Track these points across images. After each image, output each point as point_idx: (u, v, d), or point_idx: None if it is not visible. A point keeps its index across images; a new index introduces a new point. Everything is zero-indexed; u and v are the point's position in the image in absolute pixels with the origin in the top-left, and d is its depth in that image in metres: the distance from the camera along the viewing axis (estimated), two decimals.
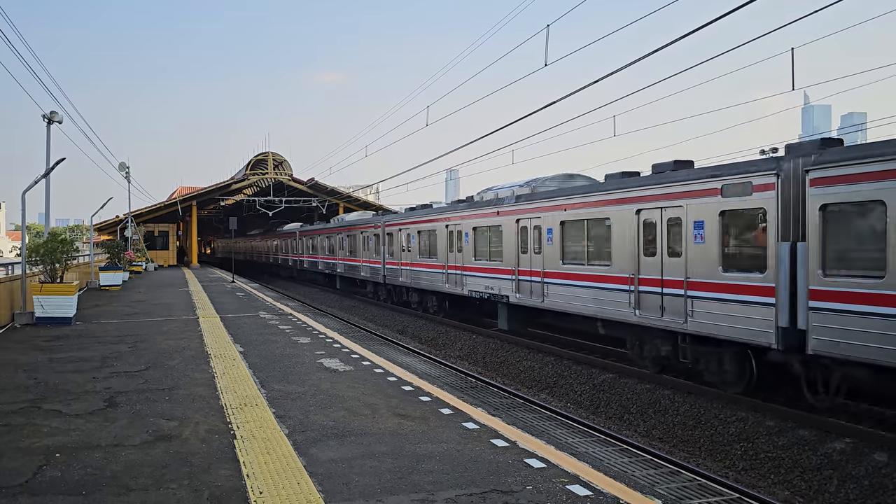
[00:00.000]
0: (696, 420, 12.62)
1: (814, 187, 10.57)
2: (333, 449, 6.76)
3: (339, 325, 20.06)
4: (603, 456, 8.85)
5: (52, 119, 19.54)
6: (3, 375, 10.50)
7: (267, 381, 10.05)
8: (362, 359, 12.18)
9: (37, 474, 6.01)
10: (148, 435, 7.23)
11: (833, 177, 10.31)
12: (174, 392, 9.28)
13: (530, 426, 8.72)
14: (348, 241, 35.25)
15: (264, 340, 14.26)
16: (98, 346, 13.38)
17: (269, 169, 53.69)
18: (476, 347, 20.76)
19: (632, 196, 14.63)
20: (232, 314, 19.45)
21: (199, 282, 34.81)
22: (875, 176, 9.70)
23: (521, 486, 5.76)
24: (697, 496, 7.72)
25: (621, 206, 14.90)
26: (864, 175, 9.87)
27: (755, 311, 11.58)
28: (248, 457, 6.48)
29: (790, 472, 10.37)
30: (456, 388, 10.90)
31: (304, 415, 8.09)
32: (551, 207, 17.60)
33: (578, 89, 15.00)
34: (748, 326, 11.77)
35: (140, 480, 5.85)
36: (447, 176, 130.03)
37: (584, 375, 16.05)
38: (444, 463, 6.34)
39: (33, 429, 7.47)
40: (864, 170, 9.85)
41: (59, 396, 9.04)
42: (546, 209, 17.82)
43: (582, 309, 16.48)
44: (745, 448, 11.33)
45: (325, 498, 5.45)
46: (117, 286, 29.93)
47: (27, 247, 17.52)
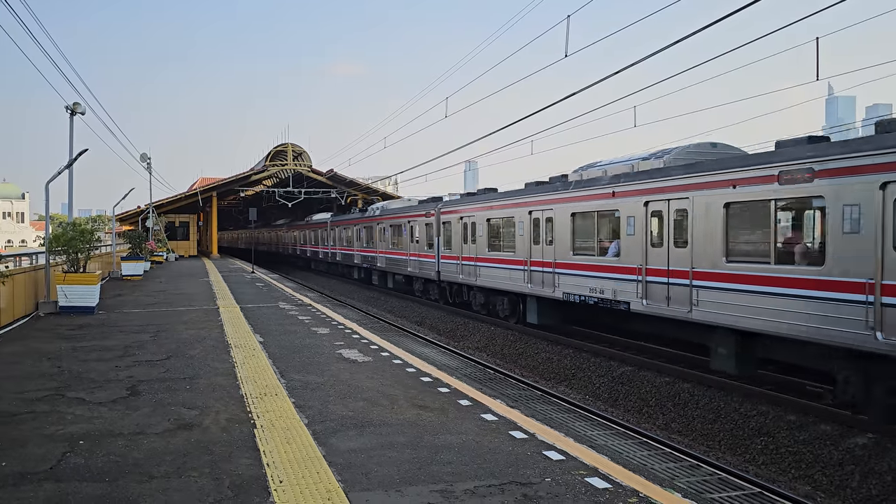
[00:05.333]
0: (715, 414, 12.54)
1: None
2: (353, 439, 6.79)
3: (358, 316, 20.13)
4: (622, 449, 8.82)
5: (74, 110, 19.71)
6: (28, 363, 10.65)
7: (286, 371, 10.11)
8: (381, 349, 12.21)
9: (61, 461, 6.10)
10: (169, 423, 7.30)
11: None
12: (195, 381, 9.37)
13: (549, 418, 8.70)
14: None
15: (284, 331, 14.34)
16: (120, 336, 13.53)
17: (288, 160, 53.88)
18: (494, 339, 20.76)
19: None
20: (252, 304, 19.58)
21: (219, 272, 35.07)
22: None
23: (540, 478, 5.75)
24: (718, 490, 7.68)
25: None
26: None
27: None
28: (268, 446, 6.52)
29: (811, 467, 10.28)
30: (474, 380, 10.91)
31: (323, 405, 8.13)
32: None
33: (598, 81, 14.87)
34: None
35: (162, 468, 5.92)
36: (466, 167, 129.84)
37: (602, 368, 15.99)
38: (463, 454, 6.34)
39: (57, 416, 7.57)
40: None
41: (83, 385, 9.16)
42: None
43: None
44: (766, 442, 11.24)
45: (344, 488, 5.48)
46: (139, 276, 30.24)
47: (50, 236, 17.74)
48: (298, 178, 55.40)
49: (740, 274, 12.30)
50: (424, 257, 27.71)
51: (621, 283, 15.47)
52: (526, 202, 19.97)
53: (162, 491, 5.41)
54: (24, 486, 5.50)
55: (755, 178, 12.02)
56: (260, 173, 56.30)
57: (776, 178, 11.56)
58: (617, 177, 16.04)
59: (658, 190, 14.34)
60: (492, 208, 22.18)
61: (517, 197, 20.80)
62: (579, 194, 17.33)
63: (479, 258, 22.74)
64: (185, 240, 58.94)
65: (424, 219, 27.79)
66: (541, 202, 19.14)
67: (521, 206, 20.20)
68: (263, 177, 58.86)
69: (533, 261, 19.41)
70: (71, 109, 19.62)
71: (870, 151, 10.07)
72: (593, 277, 16.60)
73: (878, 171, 9.90)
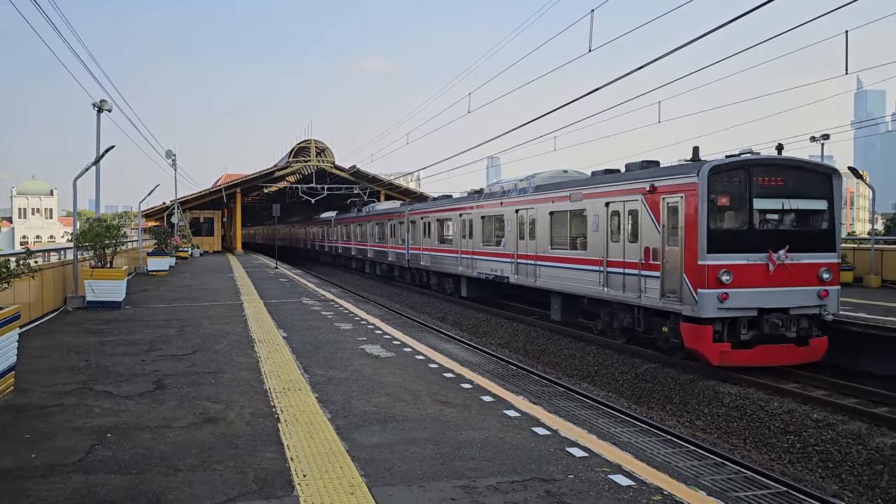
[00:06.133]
0: (740, 412, 12.42)
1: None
2: (375, 434, 6.81)
3: (381, 312, 20.18)
4: (646, 446, 8.75)
5: (101, 108, 19.97)
6: (57, 357, 10.82)
7: (310, 366, 10.17)
8: (404, 345, 12.23)
9: (89, 453, 6.18)
10: (195, 417, 7.38)
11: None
12: (220, 376, 9.45)
13: (572, 415, 8.66)
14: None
15: (307, 326, 14.42)
16: (146, 330, 13.69)
17: (311, 156, 54.17)
18: (517, 335, 20.72)
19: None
20: (275, 300, 19.72)
21: (243, 268, 35.35)
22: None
23: (563, 475, 5.73)
24: (743, 489, 7.60)
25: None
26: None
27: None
28: (291, 440, 6.56)
29: (839, 466, 10.14)
30: (497, 376, 10.89)
31: (346, 400, 8.16)
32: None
33: (622, 76, 14.80)
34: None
35: (188, 461, 5.98)
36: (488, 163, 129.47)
37: (626, 364, 15.89)
38: (486, 450, 6.34)
39: (85, 409, 7.68)
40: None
41: (110, 378, 9.28)
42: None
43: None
44: (792, 441, 11.12)
45: (367, 482, 5.50)
46: (164, 271, 30.56)
47: (78, 232, 17.99)
48: (321, 174, 55.67)
49: (557, 256, 19.00)
50: (399, 249, 33.76)
51: (505, 265, 22.22)
52: (457, 208, 26.66)
53: (187, 484, 5.47)
54: (54, 477, 5.59)
55: (561, 197, 18.86)
56: (283, 169, 56.67)
57: (568, 198, 18.31)
58: (504, 192, 22.83)
59: (522, 202, 21.03)
60: (438, 211, 28.71)
61: (453, 204, 27.55)
62: (485, 203, 24.05)
63: (432, 249, 29.22)
64: (209, 236, 59.44)
65: (398, 218, 33.95)
66: (465, 208, 25.76)
67: (454, 210, 26.90)
68: (287, 173, 59.27)
69: (463, 251, 25.84)
70: (98, 107, 19.87)
71: (600, 184, 16.99)
72: (493, 262, 23.24)
73: (604, 196, 16.67)
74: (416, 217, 31.37)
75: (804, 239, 14.00)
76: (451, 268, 27.07)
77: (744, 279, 13.42)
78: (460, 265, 26.00)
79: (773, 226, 14.22)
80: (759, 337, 13.62)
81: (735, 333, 13.55)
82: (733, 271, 13.34)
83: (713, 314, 13.32)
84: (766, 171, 13.92)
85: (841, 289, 14.55)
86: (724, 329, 13.53)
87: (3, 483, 5.45)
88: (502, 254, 22.26)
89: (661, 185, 14.62)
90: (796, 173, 14.21)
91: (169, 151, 43.91)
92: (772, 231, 14.04)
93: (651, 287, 14.80)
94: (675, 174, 14.47)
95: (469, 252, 25.17)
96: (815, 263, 13.87)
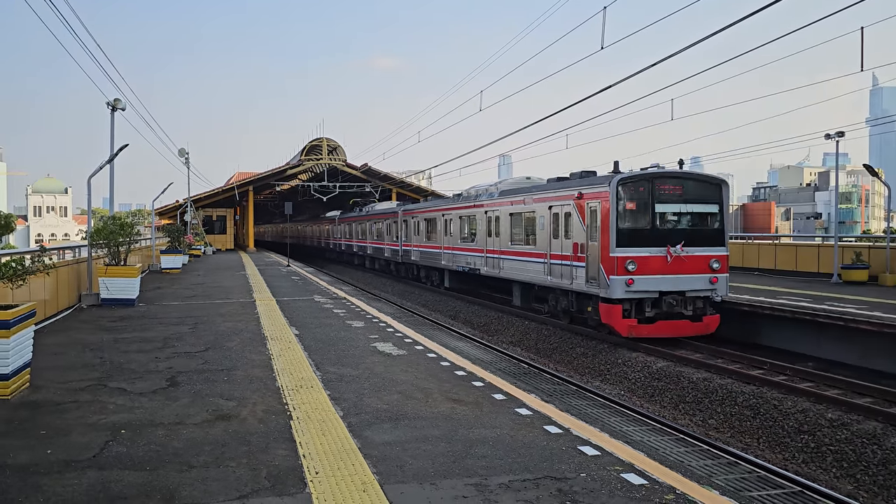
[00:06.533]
0: (753, 411, 12.35)
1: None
2: (387, 432, 6.82)
3: (393, 310, 20.20)
4: (658, 445, 8.72)
5: (115, 106, 20.04)
6: (72, 354, 10.91)
7: (322, 363, 10.19)
8: (415, 343, 12.24)
9: (104, 449, 6.23)
10: (208, 414, 7.41)
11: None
12: (233, 373, 9.49)
13: (584, 413, 8.64)
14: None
15: (319, 324, 14.46)
16: (160, 327, 13.78)
17: (323, 154, 54.27)
18: (528, 333, 20.69)
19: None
20: (287, 297, 19.79)
21: (256, 265, 35.48)
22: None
23: (576, 474, 5.72)
24: (757, 488, 7.55)
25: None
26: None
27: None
28: (304, 437, 6.58)
29: (854, 466, 10.07)
30: (509, 374, 10.87)
31: (358, 397, 8.18)
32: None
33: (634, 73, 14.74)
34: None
35: (201, 458, 6.01)
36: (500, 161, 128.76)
37: (638, 363, 15.85)
38: (498, 448, 6.33)
39: (100, 406, 7.74)
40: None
41: (124, 375, 9.34)
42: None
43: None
44: (806, 440, 11.04)
45: (379, 480, 5.51)
46: (177, 269, 30.72)
47: (92, 230, 18.11)
48: (333, 172, 55.77)
49: (515, 251, 22.39)
50: (394, 246, 37.31)
51: (477, 258, 25.79)
52: (441, 208, 30.36)
53: (201, 480, 5.50)
54: (69, 473, 5.64)
55: (518, 201, 22.34)
56: (295, 168, 56.80)
57: (523, 202, 21.82)
58: (477, 195, 26.25)
59: (490, 204, 24.71)
60: (426, 211, 32.43)
61: (438, 205, 31.48)
62: (462, 205, 27.66)
63: (421, 245, 32.81)
64: (222, 234, 59.62)
65: (393, 218, 37.47)
66: (446, 209, 29.36)
67: (438, 210, 30.52)
68: (299, 171, 59.39)
69: (445, 247, 29.34)
70: (112, 105, 19.96)
71: (546, 191, 20.44)
72: (468, 256, 26.75)
73: (548, 200, 20.00)
74: (407, 217, 34.85)
75: (698, 236, 17.16)
76: (436, 262, 30.83)
77: (647, 268, 16.58)
78: (443, 259, 29.70)
79: (672, 225, 17.28)
80: (661, 314, 16.75)
81: (641, 311, 16.75)
82: (638, 262, 16.55)
83: (622, 295, 16.50)
84: (666, 182, 17.20)
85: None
86: (631, 307, 16.71)
87: (20, 478, 5.50)
88: (475, 249, 25.96)
89: (586, 193, 17.88)
90: (692, 183, 17.53)
91: (182, 150, 44.06)
92: (671, 230, 17.12)
93: (579, 275, 18.10)
94: (596, 184, 17.67)
95: (450, 248, 28.82)
96: (706, 255, 17.01)
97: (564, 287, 19.13)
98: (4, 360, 7.93)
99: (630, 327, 16.64)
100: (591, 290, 17.49)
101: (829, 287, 21.20)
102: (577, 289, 18.36)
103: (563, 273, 19.03)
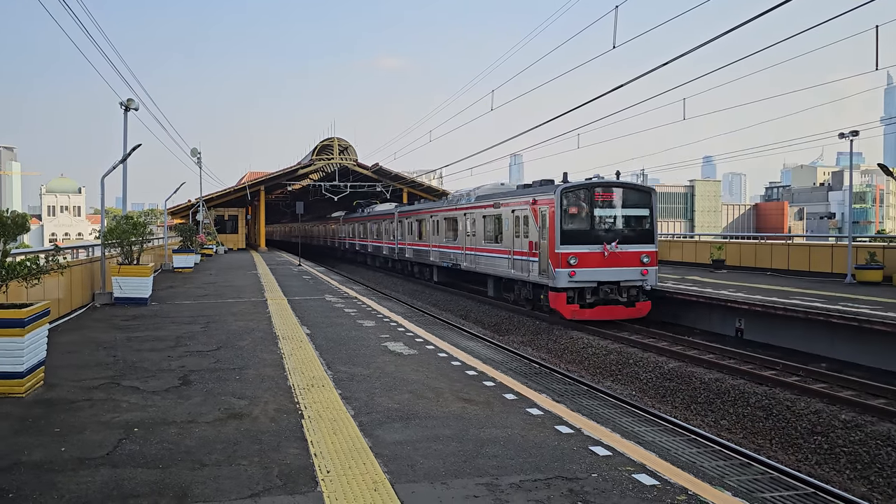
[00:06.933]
0: (766, 412, 12.28)
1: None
2: (398, 431, 6.82)
3: (403, 309, 20.21)
4: (670, 445, 8.69)
5: (128, 106, 20.16)
6: (86, 353, 10.98)
7: (333, 362, 10.22)
8: (426, 343, 12.25)
9: (117, 447, 6.27)
10: (220, 413, 7.45)
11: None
12: (244, 372, 9.53)
13: (595, 413, 8.61)
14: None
15: (330, 323, 14.50)
16: (172, 326, 13.85)
17: (334, 154, 54.36)
18: (539, 333, 20.66)
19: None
20: (298, 297, 19.84)
21: (267, 265, 35.59)
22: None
23: (587, 474, 5.70)
24: (769, 489, 7.51)
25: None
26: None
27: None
28: (315, 436, 6.60)
29: (868, 468, 9.99)
30: (520, 374, 10.86)
31: (369, 397, 8.19)
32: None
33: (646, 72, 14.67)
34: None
35: (213, 456, 6.04)
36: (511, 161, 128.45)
37: (650, 363, 15.80)
38: (509, 448, 6.32)
39: (113, 404, 7.79)
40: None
41: (137, 374, 9.40)
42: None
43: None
44: (819, 441, 10.97)
45: (390, 479, 5.52)
46: (189, 268, 30.87)
47: (105, 230, 18.23)
48: (344, 171, 55.86)
49: (489, 248, 25.53)
50: (391, 244, 40.90)
51: (459, 255, 29.10)
52: (429, 210, 33.85)
53: (213, 478, 5.53)
54: (83, 470, 5.68)
55: (489, 205, 25.48)
56: (306, 167, 56.92)
57: (493, 206, 25.07)
58: (458, 199, 29.93)
59: (468, 208, 27.93)
60: (418, 213, 35.65)
61: (427, 207, 35.04)
62: (447, 207, 31.08)
63: (414, 244, 36.22)
64: (233, 233, 59.81)
65: (390, 219, 41.06)
66: (434, 211, 33.01)
67: (427, 212, 33.93)
68: (310, 171, 59.51)
69: (433, 245, 32.77)
70: (125, 106, 20.07)
71: (511, 196, 23.63)
72: (452, 253, 30.02)
73: (512, 205, 23.11)
74: (402, 218, 38.53)
75: (630, 235, 20.41)
76: (426, 259, 34.28)
77: (586, 262, 19.77)
78: (432, 256, 33.20)
79: (609, 226, 20.41)
80: (599, 300, 19.97)
81: (582, 298, 19.98)
82: (579, 257, 19.76)
83: (566, 285, 19.79)
84: (602, 190, 20.42)
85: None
86: (574, 295, 19.96)
87: (35, 476, 5.55)
88: (457, 247, 29.22)
89: (538, 199, 21.15)
90: (625, 191, 20.69)
91: (194, 149, 44.25)
92: (607, 230, 20.30)
93: (534, 268, 21.40)
94: (545, 192, 20.88)
95: (437, 246, 32.20)
96: (637, 251, 20.11)
97: (524, 279, 22.50)
98: (19, 358, 8.00)
99: (573, 311, 19.84)
100: (543, 281, 20.90)
101: (843, 287, 21.04)
102: (533, 280, 21.76)
103: (523, 267, 22.36)
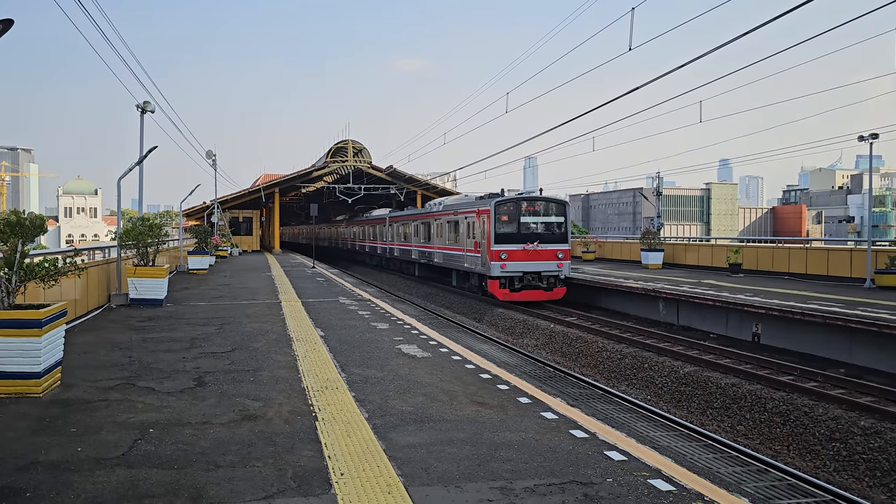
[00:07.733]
0: (783, 417, 12.16)
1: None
2: (412, 434, 6.80)
3: (417, 312, 20.21)
4: (686, 451, 8.61)
5: (145, 109, 20.33)
6: (102, 353, 11.05)
7: (347, 365, 10.22)
8: (440, 346, 12.22)
9: (132, 448, 6.29)
10: (234, 414, 7.46)
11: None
12: (259, 373, 9.55)
13: (610, 418, 8.55)
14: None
15: (344, 325, 14.51)
16: (187, 328, 13.91)
17: (348, 157, 54.51)
18: (554, 337, 20.59)
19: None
20: (313, 299, 19.88)
21: (281, 267, 35.72)
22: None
23: (602, 479, 5.66)
24: (787, 496, 7.43)
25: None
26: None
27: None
28: (329, 438, 6.60)
29: (888, 476, 9.86)
30: (534, 378, 10.81)
31: (383, 399, 8.18)
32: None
33: (662, 74, 14.59)
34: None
35: (227, 457, 6.05)
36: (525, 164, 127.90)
37: (665, 368, 15.69)
38: (523, 452, 6.29)
39: (129, 405, 7.83)
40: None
41: (152, 375, 9.44)
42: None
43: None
44: (838, 448, 10.84)
45: (404, 482, 5.50)
46: (204, 270, 31.01)
47: (121, 231, 18.36)
48: (358, 174, 56.01)
49: (451, 247, 31.45)
50: (383, 245, 47.18)
51: (433, 253, 34.83)
52: (412, 216, 40.31)
53: (227, 479, 5.53)
54: (98, 470, 5.70)
55: (451, 213, 31.75)
56: (321, 170, 57.12)
57: (453, 213, 31.16)
58: (432, 208, 36.14)
59: (437, 215, 34.32)
60: (403, 219, 42.18)
61: (410, 213, 41.90)
62: (424, 214, 37.41)
63: (400, 244, 42.45)
64: (248, 235, 60.04)
65: (383, 223, 47.26)
66: (415, 217, 39.28)
67: (410, 218, 40.55)
68: (324, 173, 59.74)
69: (414, 244, 38.69)
70: (141, 108, 20.24)
71: (465, 207, 30.16)
72: (427, 251, 35.97)
73: (464, 213, 29.77)
74: (392, 222, 45.00)
75: (549, 237, 26.49)
76: (409, 257, 40.43)
77: (514, 257, 25.77)
78: (413, 254, 39.38)
79: (532, 230, 26.35)
80: (525, 286, 26.09)
81: (511, 284, 26.08)
82: (508, 253, 25.78)
83: (499, 274, 25.87)
84: (528, 202, 26.73)
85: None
86: (506, 282, 26.03)
87: (51, 475, 5.58)
88: (431, 246, 35.23)
89: (481, 209, 27.26)
90: (545, 203, 26.96)
91: (209, 152, 44.54)
92: (531, 233, 26.27)
93: (478, 262, 27.50)
94: (485, 204, 26.95)
95: (417, 245, 38.23)
96: (554, 249, 26.20)
97: (473, 270, 28.75)
98: (36, 359, 8.06)
99: (504, 294, 25.97)
100: (484, 272, 27.02)
101: (862, 292, 20.82)
102: (478, 271, 27.90)
103: (472, 261, 28.50)
